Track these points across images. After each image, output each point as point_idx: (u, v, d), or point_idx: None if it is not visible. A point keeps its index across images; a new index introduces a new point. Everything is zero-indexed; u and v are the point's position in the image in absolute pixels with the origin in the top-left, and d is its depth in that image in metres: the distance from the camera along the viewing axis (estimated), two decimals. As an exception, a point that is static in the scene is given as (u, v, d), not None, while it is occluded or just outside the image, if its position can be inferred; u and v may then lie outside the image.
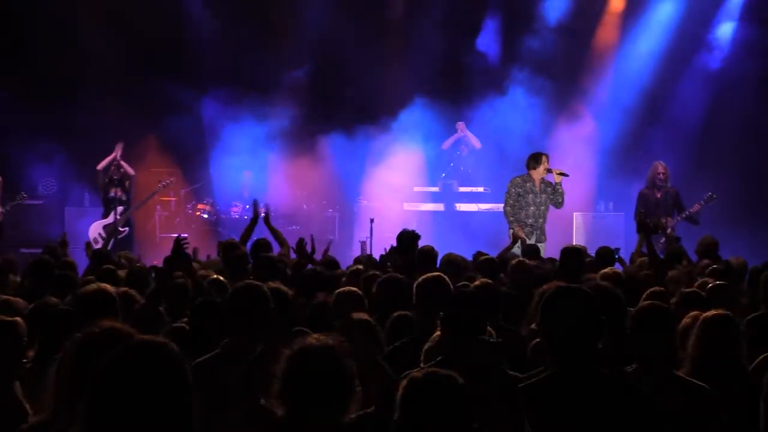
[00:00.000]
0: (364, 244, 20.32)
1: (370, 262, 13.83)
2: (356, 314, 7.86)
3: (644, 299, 8.86)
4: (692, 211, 19.18)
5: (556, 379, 6.02)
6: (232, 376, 6.33)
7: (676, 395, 6.67)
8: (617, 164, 23.48)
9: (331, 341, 5.85)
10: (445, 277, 9.11)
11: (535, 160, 18.55)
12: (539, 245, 17.36)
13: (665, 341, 6.96)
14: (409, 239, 14.06)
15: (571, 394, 5.94)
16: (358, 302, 8.90)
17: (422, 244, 13.87)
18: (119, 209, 21.09)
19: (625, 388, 6.04)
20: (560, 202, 18.54)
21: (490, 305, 7.79)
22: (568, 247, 12.39)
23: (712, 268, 12.36)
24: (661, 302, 7.78)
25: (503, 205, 18.67)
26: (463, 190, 22.78)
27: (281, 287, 8.71)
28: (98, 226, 21.21)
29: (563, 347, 6.04)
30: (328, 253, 14.23)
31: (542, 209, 18.51)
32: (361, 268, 12.33)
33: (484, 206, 22.55)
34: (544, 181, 18.48)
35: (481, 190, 22.76)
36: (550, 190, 18.49)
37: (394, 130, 23.39)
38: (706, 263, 12.87)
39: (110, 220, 21.10)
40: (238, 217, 22.57)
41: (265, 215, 14.30)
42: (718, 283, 10.29)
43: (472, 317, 7.04)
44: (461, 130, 23.01)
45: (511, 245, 16.15)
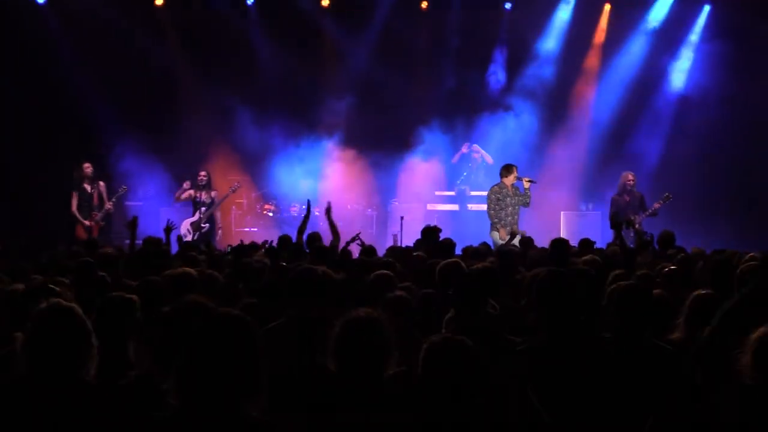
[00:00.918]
0: (395, 236, 20.39)
1: (397, 251, 13.76)
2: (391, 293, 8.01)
3: (611, 280, 8.87)
4: (653, 209, 19.24)
5: (545, 345, 6.06)
6: (292, 339, 6.33)
7: (642, 356, 6.55)
8: (595, 173, 23.36)
9: (375, 313, 5.92)
10: (461, 262, 9.13)
11: (507, 170, 18.84)
12: (509, 233, 17.88)
13: (635, 313, 6.77)
14: (431, 233, 14.31)
15: (559, 355, 5.98)
16: (390, 283, 8.88)
17: (442, 237, 14.00)
18: (202, 209, 21.12)
19: (602, 351, 6.11)
20: (528, 203, 18.93)
21: (489, 283, 7.75)
22: (556, 238, 12.34)
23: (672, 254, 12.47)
24: (628, 281, 7.63)
25: (487, 208, 18.84)
26: (473, 193, 22.59)
27: (328, 270, 8.63)
28: (187, 223, 21.20)
29: (553, 318, 6.10)
30: (355, 242, 14.22)
31: (516, 209, 18.79)
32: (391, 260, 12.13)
33: None
34: (513, 186, 18.77)
35: (487, 193, 22.47)
36: (520, 193, 18.82)
37: (419, 146, 23.30)
38: (671, 252, 12.84)
39: (196, 218, 21.18)
40: (296, 215, 22.31)
41: (327, 209, 14.28)
42: (671, 267, 10.30)
43: (473, 293, 7.13)
44: (465, 148, 22.84)
45: (509, 240, 16.12)
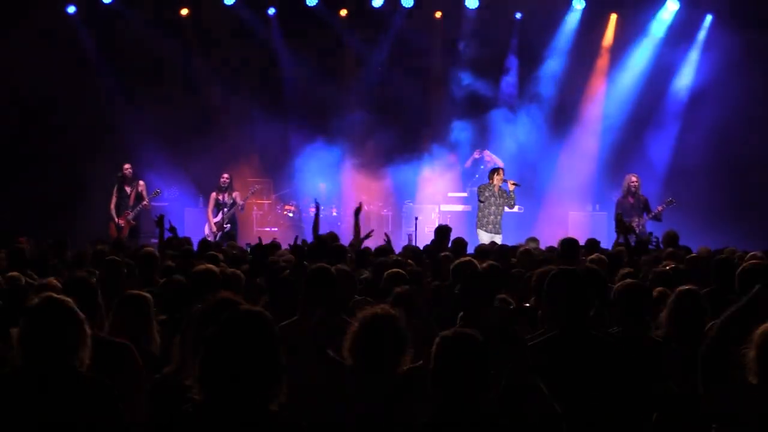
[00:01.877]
0: (410, 236, 20.44)
1: (411, 250, 13.72)
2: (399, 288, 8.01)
3: (619, 278, 8.84)
4: (656, 212, 19.10)
5: (557, 339, 6.04)
6: (307, 335, 6.32)
7: (647, 349, 6.66)
8: (603, 174, 23.25)
9: (391, 310, 5.94)
10: (474, 260, 9.08)
11: (495, 172, 19.47)
12: (496, 236, 18.76)
13: (639, 309, 6.97)
14: (444, 232, 14.39)
15: (568, 350, 5.98)
16: (401, 279, 8.82)
17: (454, 236, 14.15)
18: (225, 210, 21.13)
19: (609, 345, 6.06)
20: (512, 205, 19.50)
21: (497, 281, 7.76)
22: (565, 238, 12.29)
23: (670, 251, 12.49)
24: (633, 280, 7.75)
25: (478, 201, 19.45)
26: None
27: (345, 268, 8.77)
28: (209, 225, 21.22)
29: (563, 314, 6.08)
30: (368, 238, 14.23)
31: (500, 209, 19.28)
32: (401, 258, 11.98)
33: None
34: (500, 189, 19.19)
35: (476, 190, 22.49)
36: (505, 195, 19.24)
37: (433, 150, 23.33)
38: (669, 251, 12.72)
39: (218, 218, 21.17)
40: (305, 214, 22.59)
41: (357, 209, 14.37)
42: (673, 266, 10.24)
43: (480, 289, 7.12)
44: (477, 153, 22.60)
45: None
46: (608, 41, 23.86)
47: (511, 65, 24.16)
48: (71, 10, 23.27)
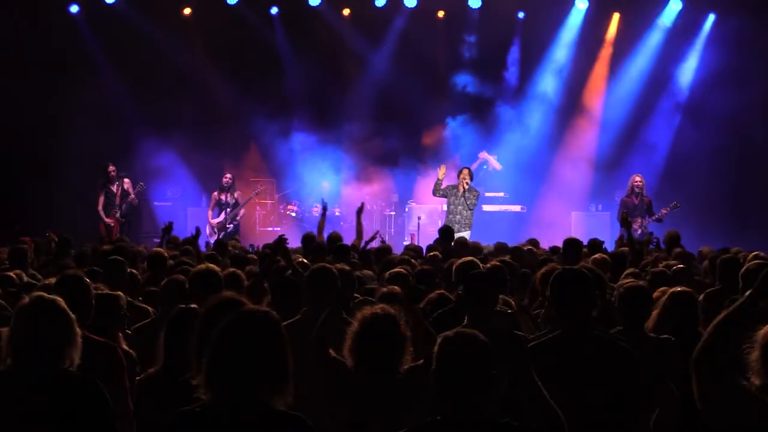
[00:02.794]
0: (413, 235, 20.46)
1: (413, 250, 13.72)
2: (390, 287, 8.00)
3: (623, 277, 8.84)
4: (659, 215, 19.11)
5: (561, 338, 5.99)
6: (310, 335, 6.25)
7: (648, 349, 6.67)
8: (605, 174, 23.19)
9: (391, 309, 5.92)
10: (477, 260, 9.04)
11: (460, 173, 19.39)
12: (465, 234, 18.22)
13: (640, 310, 7.06)
14: (448, 232, 14.48)
15: (572, 349, 5.92)
16: (404, 279, 8.71)
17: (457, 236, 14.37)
18: (227, 210, 21.11)
19: (611, 344, 6.00)
20: (470, 205, 19.18)
21: (499, 281, 7.77)
22: (569, 238, 12.26)
23: (677, 252, 12.61)
24: (636, 281, 7.82)
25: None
26: (488, 195, 22.42)
27: (346, 267, 8.73)
28: (212, 223, 21.10)
29: (567, 314, 6.01)
30: (375, 240, 14.28)
31: (459, 208, 19.15)
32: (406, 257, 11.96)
33: (503, 207, 22.50)
34: (467, 188, 19.11)
35: (501, 194, 22.65)
36: (468, 195, 19.12)
37: (435, 150, 23.41)
38: (677, 251, 12.82)
39: (221, 218, 21.13)
40: (318, 215, 21.08)
41: (359, 209, 14.75)
42: (680, 266, 10.30)
43: (484, 290, 7.08)
44: (483, 156, 22.54)
45: None
46: (610, 40, 23.79)
47: (513, 65, 24.14)
48: (74, 9, 23.28)
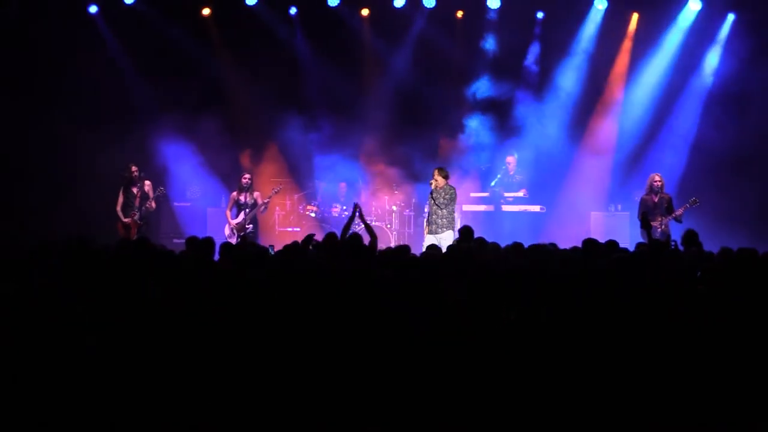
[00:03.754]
0: (433, 237, 20.32)
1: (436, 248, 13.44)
2: None
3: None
4: (678, 213, 18.86)
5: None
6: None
7: None
8: (624, 173, 23.12)
9: None
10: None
11: (434, 171, 18.85)
12: (444, 234, 18.13)
13: None
14: (468, 232, 14.53)
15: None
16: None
17: (479, 236, 14.20)
18: (246, 211, 20.88)
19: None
20: (440, 203, 18.47)
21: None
22: (588, 239, 12.30)
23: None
24: None
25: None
26: (507, 195, 22.35)
27: (363, 268, 9.09)
28: (232, 224, 20.90)
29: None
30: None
31: (433, 208, 18.56)
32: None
33: (523, 207, 22.22)
34: (443, 187, 18.58)
35: (521, 194, 22.34)
36: (436, 195, 18.59)
37: (455, 150, 23.36)
38: (692, 251, 12.82)
39: (240, 219, 20.90)
40: (337, 215, 22.50)
41: (359, 211, 14.58)
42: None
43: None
44: (511, 158, 22.58)
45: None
46: (630, 39, 23.64)
47: (532, 65, 23.98)
48: (93, 9, 23.24)
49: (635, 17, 23.64)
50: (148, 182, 20.93)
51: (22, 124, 22.27)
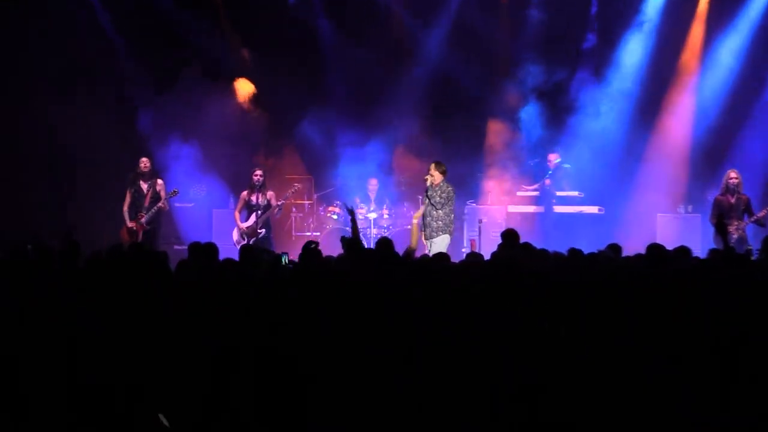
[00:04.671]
0: (473, 241, 20.16)
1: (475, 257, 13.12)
2: None
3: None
4: (759, 215, 18.44)
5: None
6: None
7: None
8: (696, 172, 22.78)
9: None
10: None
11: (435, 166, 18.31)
12: (440, 238, 17.86)
13: None
14: (511, 237, 13.97)
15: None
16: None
17: (525, 240, 13.79)
18: (258, 213, 20.28)
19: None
20: (435, 204, 18.17)
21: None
22: (654, 244, 12.00)
23: None
24: None
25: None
26: (560, 194, 22.09)
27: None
28: (241, 227, 20.50)
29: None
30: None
31: (428, 208, 18.12)
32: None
33: (578, 208, 21.98)
34: (439, 184, 18.24)
35: (576, 194, 22.10)
36: (432, 193, 18.20)
37: (500, 143, 23.23)
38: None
39: (251, 222, 20.34)
40: (363, 218, 22.11)
41: (349, 210, 14.42)
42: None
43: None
44: (553, 157, 22.34)
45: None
46: (702, 18, 23.13)
47: (588, 49, 23.64)
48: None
49: (704, 1, 23.13)
50: (160, 181, 20.28)
51: (12, 109, 22.49)
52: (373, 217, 22.42)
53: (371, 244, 20.10)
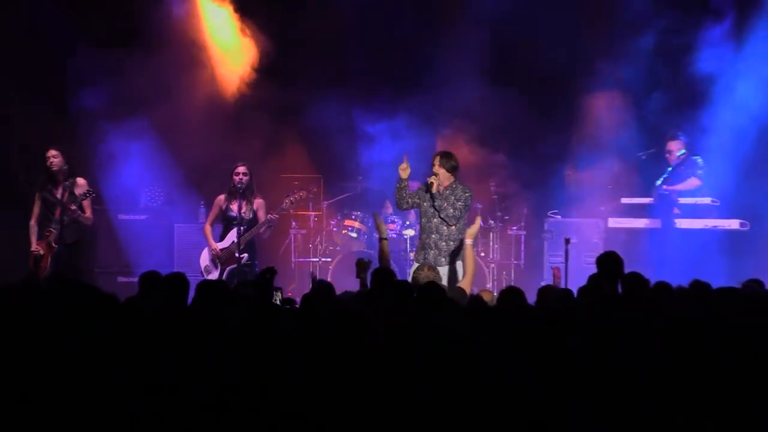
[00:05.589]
0: (556, 270, 18.05)
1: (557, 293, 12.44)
2: None
3: None
4: None
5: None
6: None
7: None
8: None
9: None
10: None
11: (435, 158, 15.91)
12: (442, 268, 15.19)
13: None
14: (611, 263, 13.40)
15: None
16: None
17: (632, 269, 12.94)
18: (241, 229, 18.20)
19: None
20: (449, 216, 15.60)
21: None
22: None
23: None
24: None
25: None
26: (684, 201, 20.65)
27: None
28: (213, 250, 18.89)
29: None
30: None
31: (434, 222, 15.62)
32: None
33: (711, 222, 20.65)
34: (450, 186, 15.78)
35: (708, 201, 20.65)
36: (452, 199, 15.60)
37: (593, 134, 22.34)
38: None
39: (227, 243, 18.55)
40: (396, 236, 20.76)
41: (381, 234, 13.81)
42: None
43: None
44: (675, 146, 21.34)
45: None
46: None
47: (721, 8, 22.38)
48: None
49: None
50: (81, 180, 18.30)
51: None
52: (410, 234, 21.10)
53: (407, 274, 17.84)
